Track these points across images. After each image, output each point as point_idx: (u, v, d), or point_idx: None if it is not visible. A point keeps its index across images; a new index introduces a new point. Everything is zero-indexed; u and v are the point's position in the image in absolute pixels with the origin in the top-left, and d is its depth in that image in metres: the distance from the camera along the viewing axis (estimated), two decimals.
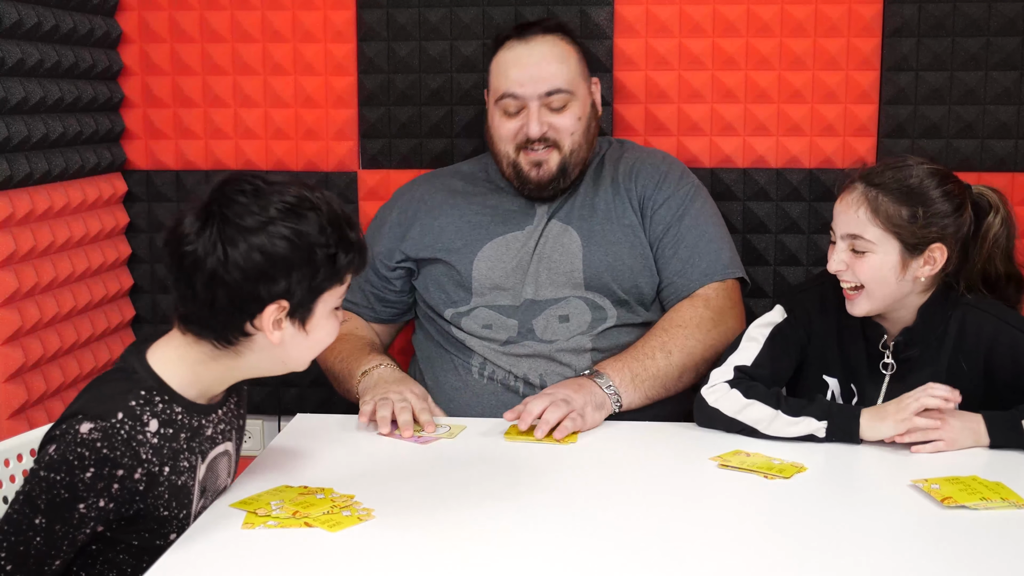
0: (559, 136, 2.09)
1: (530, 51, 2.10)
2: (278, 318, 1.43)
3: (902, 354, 1.85)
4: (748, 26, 2.41)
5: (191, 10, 2.51)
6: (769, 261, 2.49)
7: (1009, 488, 1.57)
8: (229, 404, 1.57)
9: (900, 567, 1.35)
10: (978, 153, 2.41)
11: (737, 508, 1.56)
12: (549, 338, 2.09)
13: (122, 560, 1.45)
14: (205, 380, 1.49)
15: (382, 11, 2.48)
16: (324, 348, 1.52)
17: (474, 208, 2.19)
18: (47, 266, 2.23)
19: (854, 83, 2.41)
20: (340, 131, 2.54)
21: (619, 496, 1.59)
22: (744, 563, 1.36)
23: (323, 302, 1.46)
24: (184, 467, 1.46)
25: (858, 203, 1.77)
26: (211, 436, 1.52)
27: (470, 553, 1.39)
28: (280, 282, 1.40)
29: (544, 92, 2.08)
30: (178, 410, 1.45)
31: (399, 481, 1.65)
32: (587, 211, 2.15)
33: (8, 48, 2.08)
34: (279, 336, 1.44)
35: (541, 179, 2.11)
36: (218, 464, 1.54)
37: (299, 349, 1.49)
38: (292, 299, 1.42)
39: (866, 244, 1.77)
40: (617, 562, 1.36)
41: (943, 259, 1.78)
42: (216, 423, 1.53)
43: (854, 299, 1.81)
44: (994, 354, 1.80)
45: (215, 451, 1.52)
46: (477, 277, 2.12)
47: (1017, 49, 2.37)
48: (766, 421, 1.80)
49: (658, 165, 2.21)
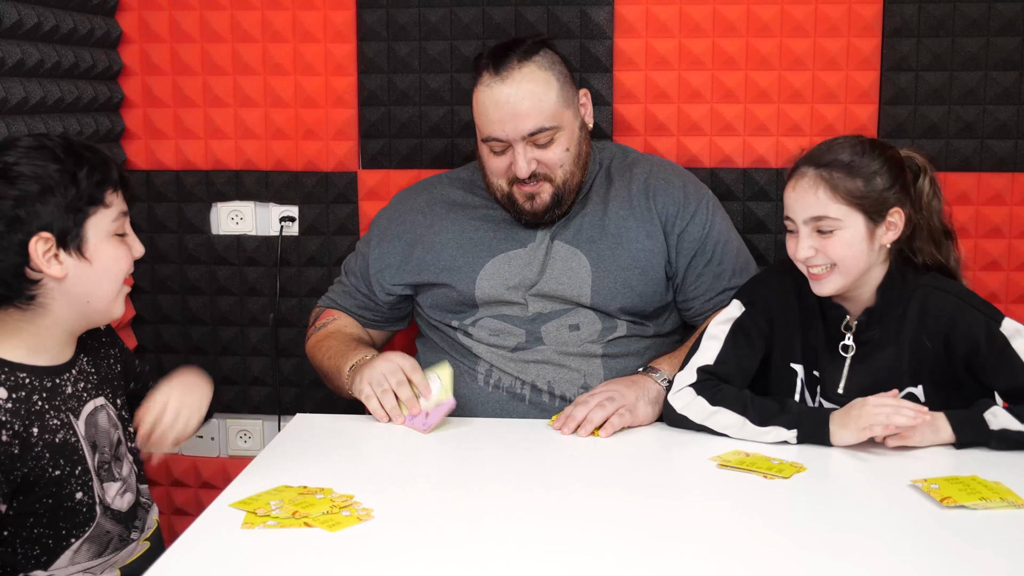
0: (550, 170, 2.05)
1: (507, 91, 2.00)
2: (49, 251, 1.45)
3: (863, 335, 1.85)
4: (748, 26, 2.41)
5: (191, 10, 2.52)
6: (769, 261, 2.49)
7: (1009, 488, 1.57)
8: (80, 363, 1.59)
9: (900, 567, 1.35)
10: (978, 153, 2.41)
11: (737, 508, 1.56)
12: (559, 344, 2.08)
13: (39, 534, 1.48)
14: (39, 344, 1.51)
15: (382, 11, 2.48)
16: (120, 274, 1.55)
17: (475, 223, 2.17)
18: None
19: (854, 83, 2.41)
20: (340, 131, 2.54)
21: (619, 496, 1.59)
22: (744, 563, 1.36)
23: (93, 226, 1.49)
24: (55, 425, 1.49)
25: (815, 185, 1.79)
26: (74, 394, 1.55)
27: (470, 553, 1.39)
28: (27, 217, 1.43)
29: (527, 133, 2.01)
30: (22, 375, 1.48)
31: (399, 481, 1.65)
32: (597, 232, 2.12)
33: (8, 48, 2.08)
34: (60, 269, 1.47)
35: (536, 210, 2.08)
36: (98, 418, 1.57)
37: (92, 281, 1.51)
38: (52, 229, 1.45)
39: (832, 223, 1.78)
40: (617, 562, 1.36)
41: (902, 222, 1.81)
42: (74, 381, 1.56)
43: (823, 278, 1.81)
44: (954, 333, 1.82)
45: (88, 407, 1.56)
46: (480, 295, 2.11)
47: (1017, 49, 2.37)
48: (735, 427, 1.82)
49: (672, 180, 2.18)
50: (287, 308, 2.61)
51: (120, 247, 1.54)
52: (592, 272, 2.09)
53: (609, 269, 2.09)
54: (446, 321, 2.15)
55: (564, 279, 2.09)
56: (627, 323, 2.10)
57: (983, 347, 1.80)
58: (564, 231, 2.13)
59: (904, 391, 1.85)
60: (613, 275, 2.09)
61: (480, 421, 1.96)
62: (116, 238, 1.53)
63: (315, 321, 2.27)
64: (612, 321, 2.09)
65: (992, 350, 1.80)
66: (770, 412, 1.80)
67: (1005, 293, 2.44)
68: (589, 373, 2.06)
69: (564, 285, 2.09)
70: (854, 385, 1.86)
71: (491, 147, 2.06)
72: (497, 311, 2.11)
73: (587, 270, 2.09)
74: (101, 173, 1.50)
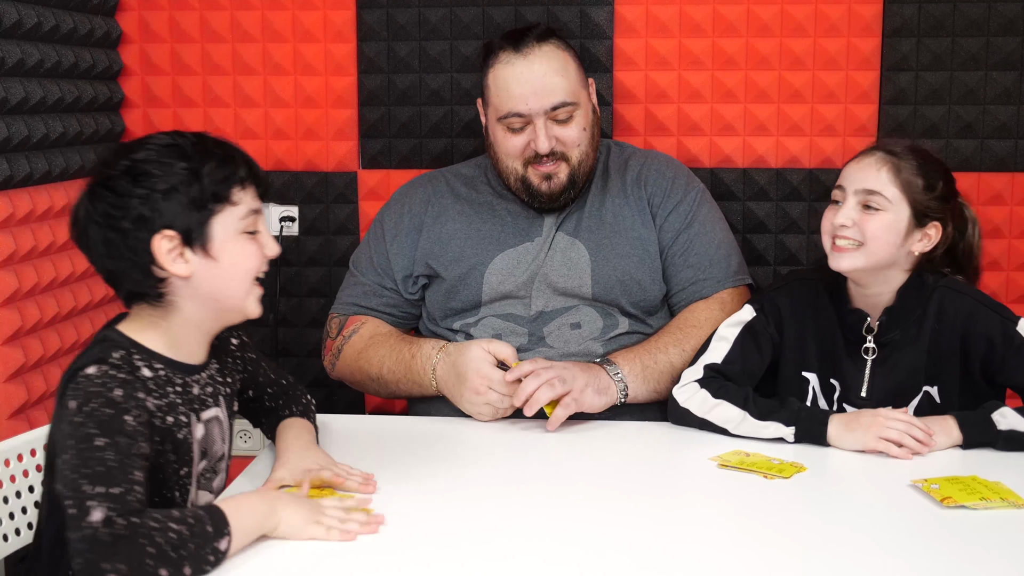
0: (567, 148, 2.06)
1: (530, 66, 2.04)
2: (174, 249, 1.43)
3: (884, 336, 1.86)
4: (748, 26, 2.41)
5: (191, 10, 2.52)
6: (769, 261, 2.49)
7: (1009, 488, 1.57)
8: (211, 369, 1.58)
9: (900, 567, 1.35)
10: (978, 153, 2.41)
11: (737, 508, 1.56)
12: (560, 345, 2.08)
13: None
14: (173, 340, 1.50)
15: (382, 11, 2.48)
16: (249, 273, 1.50)
17: (482, 215, 2.16)
18: (47, 266, 2.23)
19: (854, 83, 2.41)
20: (340, 131, 2.54)
21: (619, 495, 1.59)
22: (744, 563, 1.36)
23: (219, 224, 1.45)
24: (183, 421, 1.47)
25: (881, 163, 1.82)
26: (200, 396, 1.53)
27: (470, 552, 1.39)
28: (151, 215, 1.41)
29: (549, 107, 2.03)
30: (158, 366, 1.47)
31: (399, 481, 1.64)
32: (595, 222, 2.13)
33: (8, 48, 2.08)
34: (184, 268, 1.44)
35: (553, 191, 2.08)
36: (213, 428, 1.55)
37: (220, 279, 1.47)
38: (176, 227, 1.43)
39: (882, 201, 1.80)
40: (617, 562, 1.36)
41: (937, 238, 1.83)
42: (203, 385, 1.54)
43: (845, 252, 1.82)
44: (970, 333, 1.85)
45: (208, 413, 1.54)
46: (487, 291, 2.10)
47: (1017, 49, 2.37)
48: (735, 422, 1.82)
49: (664, 171, 2.19)
50: (287, 308, 2.61)
51: (249, 245, 1.49)
52: (591, 261, 2.09)
53: (607, 258, 2.10)
54: (447, 326, 2.13)
55: (564, 270, 2.09)
56: (628, 320, 2.10)
57: (999, 346, 1.82)
58: (565, 222, 2.13)
59: (921, 390, 1.87)
60: (612, 263, 2.10)
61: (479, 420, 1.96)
62: (245, 236, 1.48)
63: (340, 330, 2.18)
64: (613, 319, 2.09)
65: (1009, 349, 1.82)
66: (771, 408, 1.82)
67: (1005, 293, 2.45)
68: None
69: (564, 276, 2.09)
70: (877, 388, 1.87)
71: (509, 125, 2.06)
72: (501, 309, 2.10)
73: (586, 259, 2.10)
74: (227, 170, 1.46)
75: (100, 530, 1.24)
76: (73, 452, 1.32)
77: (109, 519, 1.25)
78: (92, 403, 1.35)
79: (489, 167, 2.21)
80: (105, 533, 1.24)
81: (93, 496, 1.27)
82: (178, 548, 1.26)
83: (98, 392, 1.36)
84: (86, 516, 1.25)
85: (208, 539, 1.30)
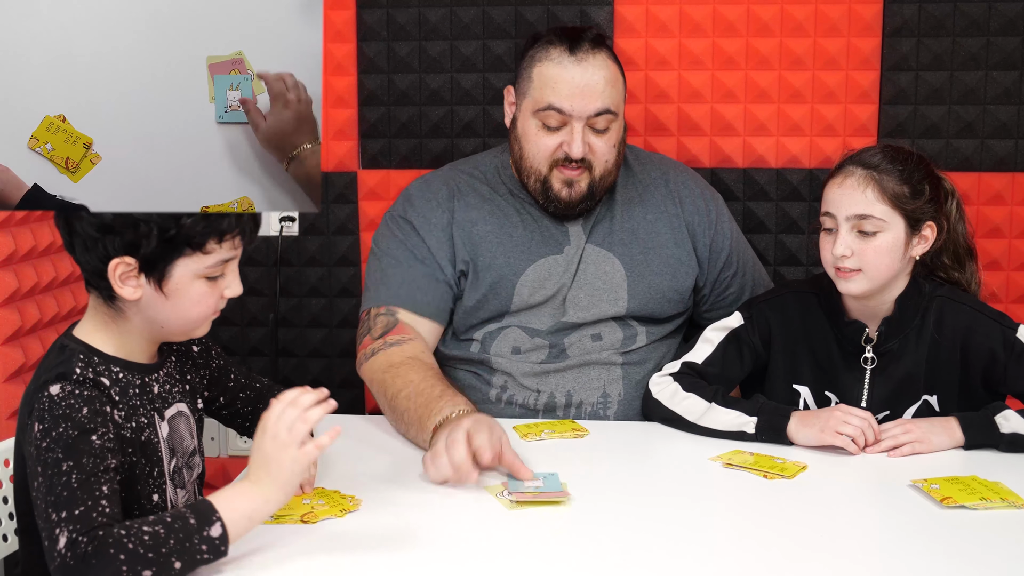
0: (595, 159, 2.02)
1: (584, 72, 1.98)
2: (129, 273, 1.43)
3: (883, 346, 1.86)
4: (748, 26, 2.41)
5: None
6: (769, 261, 2.49)
7: (1009, 488, 1.57)
8: (168, 367, 1.57)
9: (900, 567, 1.35)
10: (978, 153, 2.41)
11: (738, 508, 1.56)
12: (578, 355, 2.04)
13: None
14: (124, 342, 1.50)
15: (382, 11, 2.48)
16: (198, 318, 1.50)
17: (512, 220, 2.09)
18: (47, 266, 2.23)
19: (854, 83, 2.41)
20: (340, 131, 2.54)
21: (620, 496, 1.59)
22: (745, 563, 1.36)
23: (182, 266, 1.44)
24: (144, 423, 1.48)
25: (863, 184, 1.78)
26: (160, 395, 1.53)
27: (470, 552, 1.39)
28: (121, 236, 1.41)
29: (593, 112, 1.98)
30: (116, 369, 1.47)
31: (399, 480, 1.65)
32: (627, 236, 2.09)
33: None
34: (132, 292, 1.44)
35: (572, 199, 2.03)
36: (178, 424, 1.56)
37: (164, 312, 1.47)
38: (137, 256, 1.42)
39: (876, 223, 1.78)
40: (618, 561, 1.36)
41: (933, 236, 1.83)
42: (162, 382, 1.54)
43: (851, 277, 1.81)
44: (970, 343, 1.84)
45: (171, 411, 1.54)
46: (517, 302, 2.05)
47: (1017, 49, 2.37)
48: (699, 412, 1.84)
49: (692, 187, 2.17)
50: (287, 308, 2.61)
51: (207, 288, 1.47)
52: (627, 277, 2.07)
53: (643, 274, 2.08)
54: (469, 336, 2.08)
55: (599, 283, 2.06)
56: (646, 331, 2.09)
57: (1001, 356, 1.82)
58: (595, 234, 2.09)
59: (920, 399, 1.86)
60: (647, 280, 2.08)
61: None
62: (205, 280, 1.47)
63: (385, 332, 2.01)
64: (633, 330, 2.08)
65: (1011, 358, 1.82)
66: (736, 400, 1.85)
67: (1005, 293, 2.45)
68: (609, 381, 2.04)
69: (599, 291, 2.06)
70: (876, 397, 1.87)
71: (545, 120, 2.00)
72: (525, 320, 2.06)
73: (621, 275, 2.07)
74: (210, 223, 1.44)
75: (65, 556, 1.24)
76: (41, 479, 1.32)
77: (73, 541, 1.25)
78: (59, 427, 1.34)
79: (502, 166, 2.15)
80: (70, 556, 1.24)
81: (59, 523, 1.27)
82: (156, 548, 1.26)
83: (64, 415, 1.35)
84: (56, 545, 1.25)
85: (192, 531, 1.29)
